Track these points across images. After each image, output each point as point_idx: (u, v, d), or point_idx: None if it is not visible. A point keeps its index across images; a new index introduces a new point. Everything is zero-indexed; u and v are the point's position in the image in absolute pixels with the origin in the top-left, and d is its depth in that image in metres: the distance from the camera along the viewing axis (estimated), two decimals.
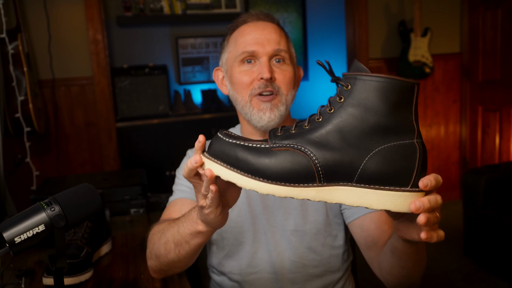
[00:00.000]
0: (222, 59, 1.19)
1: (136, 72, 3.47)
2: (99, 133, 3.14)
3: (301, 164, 0.68)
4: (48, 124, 3.00)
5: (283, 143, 0.70)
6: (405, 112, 0.68)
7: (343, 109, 0.69)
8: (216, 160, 0.71)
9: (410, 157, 0.67)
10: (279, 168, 0.68)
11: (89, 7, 3.01)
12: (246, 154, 0.70)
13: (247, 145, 0.70)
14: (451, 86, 3.93)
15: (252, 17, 1.14)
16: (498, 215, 2.65)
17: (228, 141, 0.71)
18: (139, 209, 1.88)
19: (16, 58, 2.54)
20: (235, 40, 1.14)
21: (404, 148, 0.67)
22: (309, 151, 0.68)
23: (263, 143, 0.71)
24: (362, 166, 0.67)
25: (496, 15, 3.58)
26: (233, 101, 1.17)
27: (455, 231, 3.32)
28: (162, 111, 3.53)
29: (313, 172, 0.68)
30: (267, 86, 1.08)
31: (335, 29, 4.69)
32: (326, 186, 0.69)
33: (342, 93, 0.70)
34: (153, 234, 1.08)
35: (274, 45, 1.10)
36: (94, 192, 0.88)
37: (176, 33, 3.88)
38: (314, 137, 0.69)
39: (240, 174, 0.70)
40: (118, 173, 2.49)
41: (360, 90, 0.68)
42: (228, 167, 0.70)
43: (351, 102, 0.68)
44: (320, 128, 0.69)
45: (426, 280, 2.72)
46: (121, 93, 3.43)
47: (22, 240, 0.78)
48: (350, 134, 0.68)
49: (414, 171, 0.67)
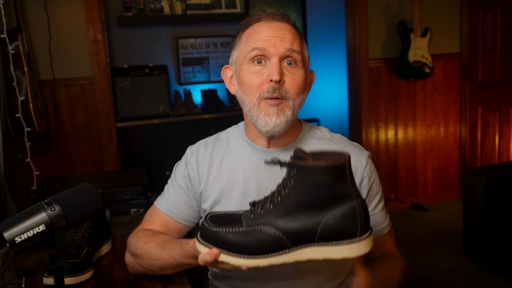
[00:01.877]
0: (232, 57, 1.15)
1: (136, 72, 3.47)
2: (99, 133, 3.15)
3: (272, 238, 0.86)
4: (48, 124, 3.00)
5: (255, 224, 0.87)
6: (342, 182, 0.85)
7: (294, 190, 0.86)
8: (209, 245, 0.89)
9: (354, 215, 0.86)
10: (256, 244, 0.86)
11: (89, 7, 3.01)
12: (230, 238, 0.87)
13: (229, 231, 0.88)
14: (450, 86, 3.93)
15: (267, 16, 1.09)
16: (498, 215, 2.66)
17: (213, 230, 0.89)
18: (139, 209, 1.88)
19: (16, 58, 2.54)
20: (247, 37, 1.10)
21: (348, 210, 0.86)
22: (274, 227, 0.86)
23: (240, 227, 0.88)
24: (320, 228, 0.85)
25: (495, 15, 3.58)
26: (240, 102, 1.13)
27: (455, 231, 3.32)
28: (162, 111, 3.53)
29: (283, 241, 0.86)
30: (275, 91, 1.04)
31: (335, 29, 4.69)
32: (296, 250, 0.87)
33: (291, 177, 0.88)
34: (140, 242, 1.13)
35: (287, 45, 1.06)
36: (94, 192, 0.89)
37: (176, 33, 3.88)
38: (278, 215, 0.87)
39: (229, 255, 0.88)
40: (118, 173, 2.49)
41: (305, 174, 0.85)
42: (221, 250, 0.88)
43: (300, 183, 0.86)
44: (279, 207, 0.87)
45: (426, 280, 2.72)
46: (121, 93, 3.43)
47: (23, 240, 0.78)
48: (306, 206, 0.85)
49: (359, 225, 0.86)
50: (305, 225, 0.85)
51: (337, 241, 0.86)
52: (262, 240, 0.86)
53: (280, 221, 0.86)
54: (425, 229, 3.49)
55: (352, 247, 0.86)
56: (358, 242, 0.86)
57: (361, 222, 0.86)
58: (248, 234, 0.87)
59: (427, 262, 2.96)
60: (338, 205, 0.86)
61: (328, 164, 0.84)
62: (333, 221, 0.85)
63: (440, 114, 3.94)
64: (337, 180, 0.84)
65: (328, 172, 0.83)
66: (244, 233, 0.87)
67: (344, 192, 0.86)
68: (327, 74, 4.76)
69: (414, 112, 3.86)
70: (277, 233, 0.86)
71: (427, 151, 3.96)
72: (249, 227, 0.88)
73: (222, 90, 3.94)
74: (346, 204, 0.86)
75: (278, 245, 0.86)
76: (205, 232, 0.90)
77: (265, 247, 0.86)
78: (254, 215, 0.89)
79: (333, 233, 0.85)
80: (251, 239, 0.86)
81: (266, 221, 0.87)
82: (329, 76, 4.78)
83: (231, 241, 0.87)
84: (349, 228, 0.86)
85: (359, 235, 0.86)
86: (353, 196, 0.86)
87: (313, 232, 0.85)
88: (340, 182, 0.85)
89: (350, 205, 0.86)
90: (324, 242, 0.86)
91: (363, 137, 3.74)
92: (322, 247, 0.86)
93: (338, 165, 0.84)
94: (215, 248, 0.87)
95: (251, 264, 0.86)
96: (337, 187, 0.85)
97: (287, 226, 0.85)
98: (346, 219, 0.85)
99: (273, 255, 0.86)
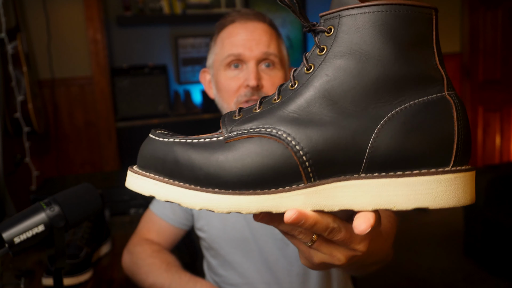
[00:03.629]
0: (208, 61, 1.12)
1: (136, 72, 3.47)
2: (99, 133, 3.14)
3: (275, 156, 0.44)
4: (47, 124, 2.99)
5: (244, 128, 0.46)
6: (424, 53, 0.46)
7: (327, 64, 0.46)
8: (146, 172, 0.48)
9: (445, 119, 0.45)
10: (240, 167, 0.44)
11: (88, 6, 3.01)
12: (190, 154, 0.45)
13: (191, 142, 0.47)
14: None
15: (241, 17, 1.06)
16: (498, 215, 2.65)
17: (163, 140, 0.47)
18: (139, 209, 1.87)
19: (15, 58, 2.54)
20: (221, 41, 1.07)
21: (433, 107, 0.45)
22: (284, 133, 0.45)
23: (215, 134, 0.48)
24: (371, 144, 0.44)
25: (496, 15, 3.58)
26: (219, 107, 1.11)
27: (455, 231, 3.31)
28: (162, 111, 3.52)
29: (296, 165, 0.44)
30: (253, 95, 1.00)
31: None
32: (320, 185, 0.45)
33: (323, 41, 0.47)
34: (138, 260, 1.12)
35: (263, 48, 1.02)
36: (94, 192, 0.88)
37: (176, 33, 3.88)
38: (290, 112, 0.46)
39: (183, 188, 0.45)
40: (118, 173, 2.49)
41: (350, 32, 0.45)
42: (164, 179, 0.46)
43: (338, 51, 0.45)
44: (297, 97, 0.46)
45: (426, 280, 2.72)
46: (121, 93, 3.42)
47: (22, 241, 0.77)
48: (344, 98, 0.45)
49: (455, 140, 0.45)
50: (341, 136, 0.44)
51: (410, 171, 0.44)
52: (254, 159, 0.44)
53: (294, 126, 0.45)
54: (425, 229, 3.49)
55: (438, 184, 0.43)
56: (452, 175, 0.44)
57: (460, 136, 0.45)
58: (227, 147, 0.46)
59: (427, 262, 2.95)
60: (413, 96, 0.45)
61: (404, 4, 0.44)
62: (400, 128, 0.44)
63: None
64: (416, 42, 0.45)
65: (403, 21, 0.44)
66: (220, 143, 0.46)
67: (428, 70, 0.46)
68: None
69: None
70: (288, 145, 0.45)
71: None
72: (232, 133, 0.47)
73: None
74: (431, 95, 0.45)
75: (285, 170, 0.45)
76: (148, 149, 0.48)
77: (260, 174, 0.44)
78: (246, 114, 0.48)
79: (399, 153, 0.44)
80: (233, 156, 0.45)
81: (267, 123, 0.46)
82: None
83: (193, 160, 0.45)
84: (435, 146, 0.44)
85: (453, 162, 0.45)
86: (444, 81, 0.46)
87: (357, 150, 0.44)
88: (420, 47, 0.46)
89: (439, 98, 0.45)
90: (380, 172, 0.44)
91: None
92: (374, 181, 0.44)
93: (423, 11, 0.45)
94: None
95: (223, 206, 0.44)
96: (415, 58, 0.45)
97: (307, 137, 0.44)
98: (429, 125, 0.44)
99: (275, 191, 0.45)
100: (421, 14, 0.45)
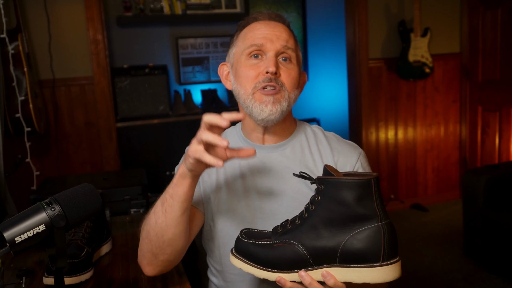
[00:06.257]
0: (229, 54, 1.19)
1: (136, 72, 3.47)
2: (99, 133, 3.14)
3: (295, 254, 0.86)
4: (48, 124, 3.00)
5: (281, 239, 0.89)
6: (368, 202, 0.83)
7: (321, 205, 0.86)
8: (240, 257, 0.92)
9: (377, 238, 0.82)
10: (280, 259, 0.87)
11: (89, 7, 3.01)
12: (257, 250, 0.89)
13: (256, 243, 0.90)
14: (451, 86, 3.93)
15: (264, 16, 1.16)
16: (498, 215, 2.65)
17: (245, 241, 0.92)
18: (139, 209, 1.88)
19: (16, 58, 2.54)
20: (244, 35, 1.15)
21: (372, 231, 0.83)
22: (299, 243, 0.86)
23: (267, 240, 0.90)
24: (340, 249, 0.83)
25: (496, 15, 3.58)
26: (235, 95, 1.16)
27: (455, 231, 3.32)
28: (162, 111, 3.53)
29: (306, 258, 0.86)
30: (271, 81, 1.08)
31: (335, 29, 4.68)
32: (317, 268, 0.86)
33: (319, 193, 0.88)
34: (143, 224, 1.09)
35: (283, 42, 1.11)
36: (94, 192, 0.88)
37: (176, 33, 3.88)
38: (304, 230, 0.87)
39: (253, 267, 0.89)
40: (118, 173, 2.49)
41: (331, 189, 0.85)
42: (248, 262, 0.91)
43: (326, 198, 0.86)
44: (306, 223, 0.87)
45: (426, 280, 2.72)
46: (121, 93, 3.42)
47: (23, 240, 0.78)
48: (330, 223, 0.85)
49: (382, 249, 0.82)
50: (328, 244, 0.84)
51: (358, 264, 0.83)
52: (285, 255, 0.86)
53: (305, 238, 0.86)
54: (425, 229, 3.49)
55: (373, 272, 0.83)
56: (380, 267, 0.82)
57: (385, 246, 0.82)
58: (273, 248, 0.88)
59: (427, 262, 2.95)
60: (361, 226, 0.83)
61: (353, 180, 0.82)
62: (355, 242, 0.82)
63: (440, 114, 3.94)
64: (362, 197, 0.82)
65: (353, 188, 0.82)
66: (270, 246, 0.88)
67: (369, 212, 0.83)
68: (327, 74, 4.76)
69: (414, 112, 3.86)
70: (301, 249, 0.85)
71: (427, 151, 3.96)
72: (276, 241, 0.89)
73: (222, 90, 3.93)
74: (370, 225, 0.83)
75: (300, 262, 0.86)
76: (238, 244, 0.93)
77: (288, 262, 0.86)
78: (283, 230, 0.90)
79: (354, 255, 0.83)
80: (276, 253, 0.87)
81: (292, 237, 0.87)
82: (329, 76, 4.77)
83: (257, 253, 0.89)
84: (371, 252, 0.82)
85: (381, 260, 0.82)
86: (379, 217, 0.83)
87: (334, 251, 0.84)
88: (365, 200, 0.83)
89: (374, 227, 0.83)
90: (346, 263, 0.84)
91: (363, 137, 3.74)
92: (343, 269, 0.84)
93: (364, 181, 0.82)
94: None
95: (272, 277, 0.87)
96: (362, 206, 0.83)
97: (311, 243, 0.85)
98: (368, 241, 0.82)
99: (296, 272, 0.86)
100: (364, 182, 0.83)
